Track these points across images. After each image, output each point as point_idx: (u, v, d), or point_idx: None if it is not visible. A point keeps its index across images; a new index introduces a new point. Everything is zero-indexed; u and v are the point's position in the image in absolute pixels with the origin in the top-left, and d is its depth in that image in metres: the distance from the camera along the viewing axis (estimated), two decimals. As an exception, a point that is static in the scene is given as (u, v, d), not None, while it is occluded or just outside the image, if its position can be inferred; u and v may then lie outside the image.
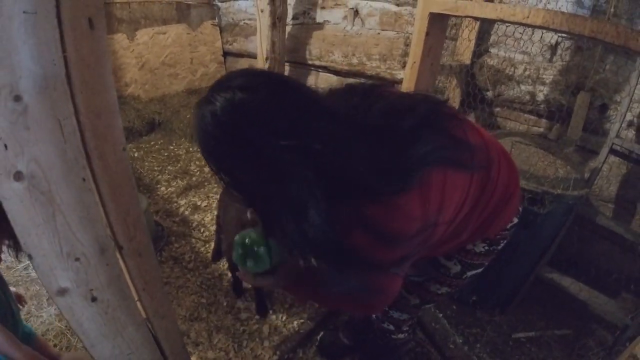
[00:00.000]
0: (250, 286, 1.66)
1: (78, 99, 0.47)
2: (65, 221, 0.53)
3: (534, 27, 1.14)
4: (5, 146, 0.43)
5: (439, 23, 1.40)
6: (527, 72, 2.06)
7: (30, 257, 0.53)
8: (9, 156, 0.44)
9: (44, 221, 0.51)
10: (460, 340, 1.63)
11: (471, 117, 2.19)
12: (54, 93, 0.44)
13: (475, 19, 1.54)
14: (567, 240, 1.75)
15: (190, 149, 2.79)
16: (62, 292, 0.60)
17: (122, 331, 0.75)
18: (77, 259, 0.58)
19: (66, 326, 1.53)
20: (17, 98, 0.41)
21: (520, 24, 1.14)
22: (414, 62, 1.47)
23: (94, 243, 0.58)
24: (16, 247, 0.87)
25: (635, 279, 1.66)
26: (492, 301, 1.83)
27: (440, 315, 1.70)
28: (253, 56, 3.13)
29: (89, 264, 0.60)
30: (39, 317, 1.56)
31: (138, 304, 0.73)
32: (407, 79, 1.52)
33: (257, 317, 1.58)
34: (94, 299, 0.65)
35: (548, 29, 1.07)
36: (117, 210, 0.59)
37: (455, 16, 1.37)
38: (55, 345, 1.47)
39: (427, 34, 1.40)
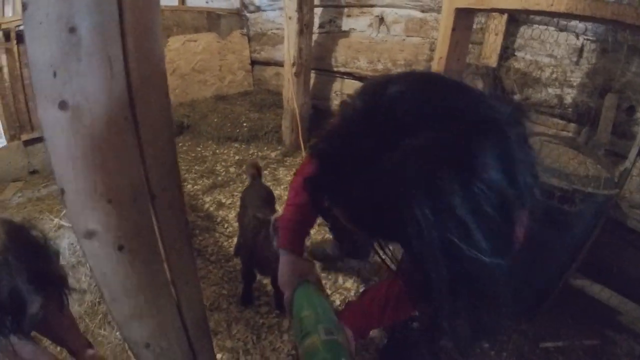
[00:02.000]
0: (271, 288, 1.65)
1: (128, 39, 0.49)
2: (103, 159, 0.54)
3: (558, 15, 1.13)
4: (55, 74, 0.45)
5: (465, 18, 1.41)
6: (554, 75, 2.03)
7: (62, 191, 0.54)
8: (56, 84, 0.46)
9: (81, 155, 0.52)
10: (487, 345, 1.56)
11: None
12: (106, 30, 0.46)
13: (501, 11, 1.54)
14: (596, 246, 1.68)
15: (217, 151, 2.87)
16: (90, 234, 0.60)
17: (146, 289, 0.75)
18: (109, 201, 0.58)
19: (85, 311, 1.57)
20: (72, 30, 0.44)
21: (545, 12, 1.14)
22: (440, 58, 1.48)
23: (128, 186, 0.59)
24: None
25: None
26: (519, 309, 1.75)
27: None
28: (280, 64, 3.22)
29: (120, 208, 0.60)
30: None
31: (164, 264, 0.75)
32: (434, 74, 1.53)
33: (276, 311, 1.58)
34: (120, 248, 0.65)
35: (572, 15, 1.06)
36: (154, 156, 0.59)
37: (480, 10, 1.38)
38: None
39: (454, 29, 1.41)
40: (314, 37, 2.79)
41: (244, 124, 3.04)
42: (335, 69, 2.90)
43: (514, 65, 2.13)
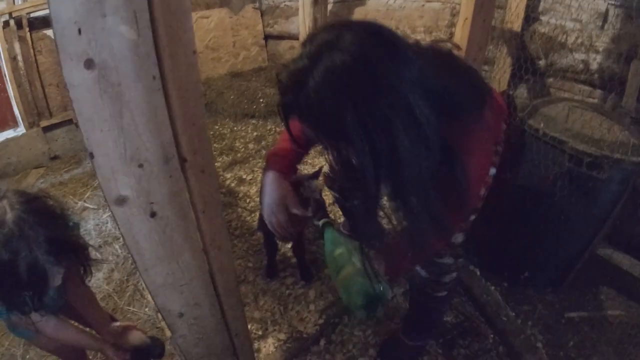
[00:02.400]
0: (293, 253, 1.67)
1: (153, -8, 0.47)
2: (133, 120, 0.53)
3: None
4: (79, 31, 0.43)
5: (490, -23, 1.34)
6: (579, 40, 1.93)
7: (91, 155, 0.53)
8: (81, 42, 0.44)
9: (110, 117, 0.51)
10: (513, 314, 1.56)
11: (523, 89, 2.09)
12: (131, -16, 0.45)
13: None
14: (622, 216, 1.63)
15: (235, 128, 2.87)
16: (122, 201, 0.60)
17: (179, 257, 0.76)
18: (140, 165, 0.58)
19: (114, 289, 1.62)
20: (95, -15, 0.43)
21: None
22: (465, 19, 1.41)
23: (159, 150, 0.58)
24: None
25: None
26: (544, 278, 1.74)
27: (492, 288, 1.63)
28: (294, 37, 3.15)
29: (151, 173, 0.60)
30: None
31: (197, 231, 0.75)
32: (459, 38, 1.46)
33: (302, 282, 1.60)
34: (153, 214, 0.65)
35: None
36: (184, 117, 0.58)
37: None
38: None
39: (479, -11, 1.35)
40: (329, 7, 2.71)
41: (261, 100, 3.01)
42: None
43: (538, 29, 2.03)
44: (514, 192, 1.67)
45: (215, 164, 2.45)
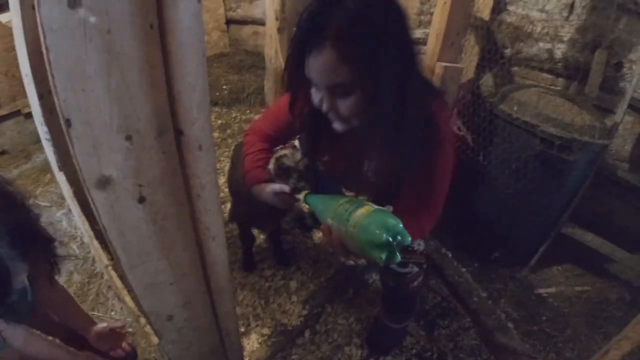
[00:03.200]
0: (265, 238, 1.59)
1: None
2: (123, 79, 0.43)
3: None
4: None
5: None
6: (545, 30, 2.01)
7: (68, 122, 0.42)
8: None
9: (95, 72, 0.41)
10: (485, 295, 1.60)
11: (489, 77, 2.14)
12: None
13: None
14: (586, 198, 1.74)
15: (196, 116, 2.69)
16: (104, 183, 0.50)
17: (169, 250, 0.66)
18: (128, 137, 0.47)
19: (75, 293, 1.46)
20: None
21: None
22: (444, 3, 1.40)
23: (152, 118, 0.48)
24: None
25: None
26: (514, 257, 1.81)
27: (464, 269, 1.66)
28: (258, 22, 3.02)
29: (142, 147, 0.49)
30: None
31: (189, 219, 0.66)
32: (437, 22, 1.45)
33: (282, 272, 1.53)
34: (142, 199, 0.55)
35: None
36: (183, 80, 0.48)
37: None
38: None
39: (458, -27, 1.34)
40: (296, -10, 2.60)
41: (224, 87, 2.86)
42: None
43: (506, 19, 2.09)
44: (486, 175, 1.72)
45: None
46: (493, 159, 1.68)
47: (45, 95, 1.38)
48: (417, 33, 2.34)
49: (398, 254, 0.63)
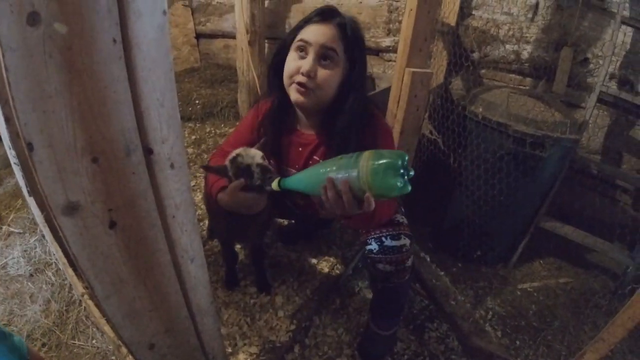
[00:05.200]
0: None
1: None
2: (86, 98, 0.41)
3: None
4: None
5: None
6: (510, 32, 2.09)
7: (30, 147, 0.40)
8: None
9: (56, 92, 0.39)
10: (464, 296, 1.61)
11: (458, 81, 2.20)
12: None
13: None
14: (561, 190, 1.79)
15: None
16: (71, 209, 0.47)
17: (146, 276, 0.63)
18: (94, 160, 0.45)
19: (54, 322, 1.38)
20: None
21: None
22: (411, 10, 1.42)
23: (119, 138, 0.46)
24: None
25: (626, 228, 1.70)
26: (495, 255, 1.84)
27: (442, 273, 1.67)
28: (228, 36, 3.00)
29: (110, 169, 0.47)
30: (23, 316, 1.41)
31: (164, 241, 0.62)
32: (405, 29, 1.47)
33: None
34: (112, 224, 0.52)
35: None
36: (151, 96, 0.46)
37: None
38: (44, 345, 1.32)
39: (423, -20, 1.37)
40: (266, 4, 2.61)
41: (197, 102, 2.82)
42: (289, 37, 2.76)
43: (472, 24, 2.15)
44: (460, 177, 1.75)
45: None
46: (465, 161, 1.71)
47: (12, 118, 1.32)
48: (387, 41, 2.38)
49: (408, 181, 0.70)
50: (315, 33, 0.95)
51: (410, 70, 1.50)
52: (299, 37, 0.98)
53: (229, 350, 1.26)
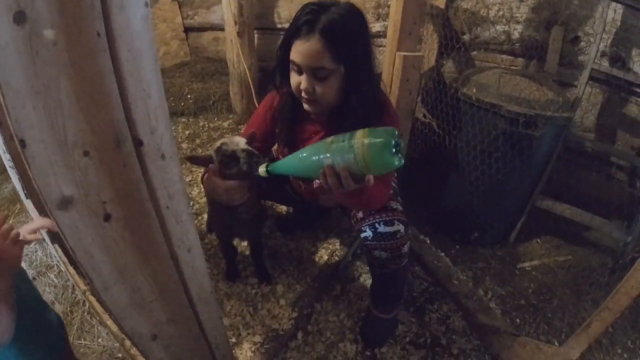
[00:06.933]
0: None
1: None
2: (74, 92, 0.41)
3: None
4: None
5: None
6: (500, 12, 2.07)
7: (22, 143, 0.40)
8: None
9: (44, 87, 0.39)
10: (464, 277, 1.62)
11: (449, 63, 2.19)
12: None
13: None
14: (556, 169, 1.80)
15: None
16: (66, 203, 0.47)
17: (143, 266, 0.64)
18: (86, 153, 0.46)
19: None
20: None
21: None
22: (399, -7, 1.41)
23: (109, 130, 0.46)
24: None
25: (622, 204, 1.71)
26: (492, 235, 1.85)
27: (442, 254, 1.68)
28: (216, 28, 2.97)
29: (101, 162, 0.47)
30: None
31: (160, 232, 0.63)
32: (394, 12, 1.47)
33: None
34: (107, 217, 0.52)
35: None
36: (137, 87, 0.46)
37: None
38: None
39: (410, -38, 1.36)
40: (253, -6, 2.58)
41: (189, 96, 2.80)
42: (279, 26, 2.73)
43: (461, 5, 2.13)
44: (457, 159, 1.75)
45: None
46: (460, 143, 1.71)
47: (4, 121, 1.31)
48: (377, 26, 2.36)
49: (401, 156, 0.73)
50: (301, 54, 0.96)
51: (401, 54, 1.50)
52: (290, 55, 0.99)
53: (233, 340, 1.28)
